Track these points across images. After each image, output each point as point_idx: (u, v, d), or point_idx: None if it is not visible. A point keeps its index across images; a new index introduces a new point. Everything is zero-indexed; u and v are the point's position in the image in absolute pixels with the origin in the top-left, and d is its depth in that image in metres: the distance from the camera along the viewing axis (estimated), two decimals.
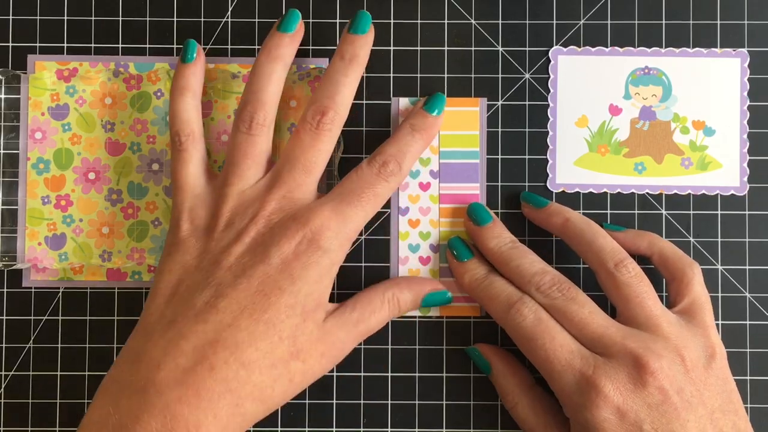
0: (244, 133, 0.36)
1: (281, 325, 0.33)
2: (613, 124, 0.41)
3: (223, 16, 0.41)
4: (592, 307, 0.35)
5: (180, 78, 0.38)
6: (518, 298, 0.36)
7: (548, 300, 0.36)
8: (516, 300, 0.36)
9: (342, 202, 0.35)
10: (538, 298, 0.36)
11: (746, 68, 0.41)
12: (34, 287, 0.41)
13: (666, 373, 0.33)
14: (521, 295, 0.36)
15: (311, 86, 0.41)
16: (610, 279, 0.36)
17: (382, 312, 0.37)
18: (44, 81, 0.41)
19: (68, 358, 0.40)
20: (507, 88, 0.41)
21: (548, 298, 0.36)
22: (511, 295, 0.36)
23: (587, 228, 0.37)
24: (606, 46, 0.41)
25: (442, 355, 0.40)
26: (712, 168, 0.41)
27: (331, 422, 0.40)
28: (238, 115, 0.37)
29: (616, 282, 0.36)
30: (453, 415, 0.40)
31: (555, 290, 0.36)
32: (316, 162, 0.36)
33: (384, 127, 0.41)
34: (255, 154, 0.36)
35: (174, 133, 0.38)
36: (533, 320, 0.35)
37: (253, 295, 0.33)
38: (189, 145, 0.37)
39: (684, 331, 0.35)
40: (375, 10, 0.41)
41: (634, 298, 0.35)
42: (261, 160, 0.37)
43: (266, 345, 0.32)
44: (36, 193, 0.41)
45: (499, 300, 0.37)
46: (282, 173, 0.36)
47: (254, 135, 0.36)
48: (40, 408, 0.40)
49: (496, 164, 0.41)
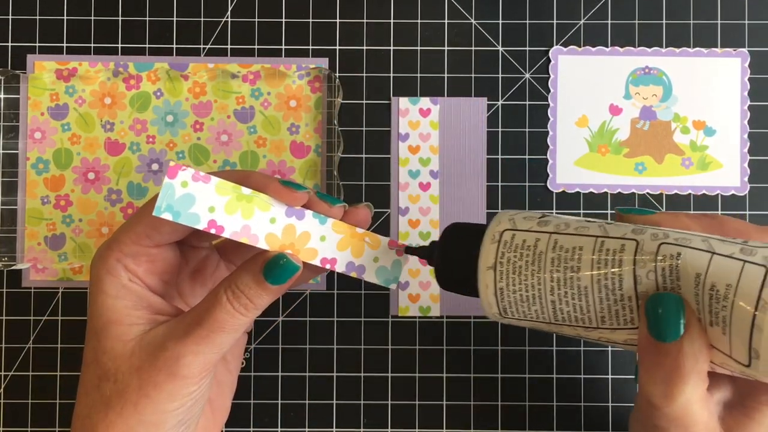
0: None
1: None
2: (613, 124, 0.41)
3: (223, 16, 0.41)
4: None
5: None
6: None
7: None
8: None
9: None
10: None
11: (746, 68, 0.41)
12: (33, 287, 0.41)
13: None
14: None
15: (311, 86, 0.41)
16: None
17: (219, 305, 0.30)
18: (44, 81, 0.41)
19: (68, 359, 0.40)
20: (507, 88, 0.41)
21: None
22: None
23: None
24: (606, 46, 0.41)
25: (442, 355, 0.40)
26: (713, 168, 0.41)
27: (331, 422, 0.40)
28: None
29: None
30: (453, 415, 0.40)
31: None
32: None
33: (384, 127, 0.41)
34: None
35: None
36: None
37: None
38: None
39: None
40: (375, 10, 0.41)
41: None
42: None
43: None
44: (35, 193, 0.41)
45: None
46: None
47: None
48: (40, 408, 0.40)
49: (496, 164, 0.41)
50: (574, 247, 0.27)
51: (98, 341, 0.30)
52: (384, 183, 0.41)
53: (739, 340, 0.24)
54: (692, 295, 0.25)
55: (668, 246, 0.25)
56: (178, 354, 0.29)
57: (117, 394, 0.30)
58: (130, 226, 0.31)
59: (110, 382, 0.30)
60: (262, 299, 0.30)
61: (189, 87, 0.41)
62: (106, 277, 0.31)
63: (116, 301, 0.31)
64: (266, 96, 0.41)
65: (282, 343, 0.40)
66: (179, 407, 0.30)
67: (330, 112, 0.41)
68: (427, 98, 0.41)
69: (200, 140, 0.41)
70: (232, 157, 0.41)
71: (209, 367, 0.30)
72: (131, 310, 0.31)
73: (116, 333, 0.30)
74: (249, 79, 0.41)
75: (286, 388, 0.40)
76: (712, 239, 0.25)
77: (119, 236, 0.31)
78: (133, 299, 0.31)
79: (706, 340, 0.25)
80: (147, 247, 0.31)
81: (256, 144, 0.41)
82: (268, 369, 0.40)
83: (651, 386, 0.26)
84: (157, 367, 0.29)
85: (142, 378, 0.29)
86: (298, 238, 0.30)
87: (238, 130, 0.41)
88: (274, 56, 0.41)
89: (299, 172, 0.41)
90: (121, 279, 0.31)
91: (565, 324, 0.28)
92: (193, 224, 0.28)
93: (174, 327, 0.30)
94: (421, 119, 0.41)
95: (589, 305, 0.27)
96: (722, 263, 0.24)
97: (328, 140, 0.41)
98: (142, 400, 0.29)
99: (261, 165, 0.41)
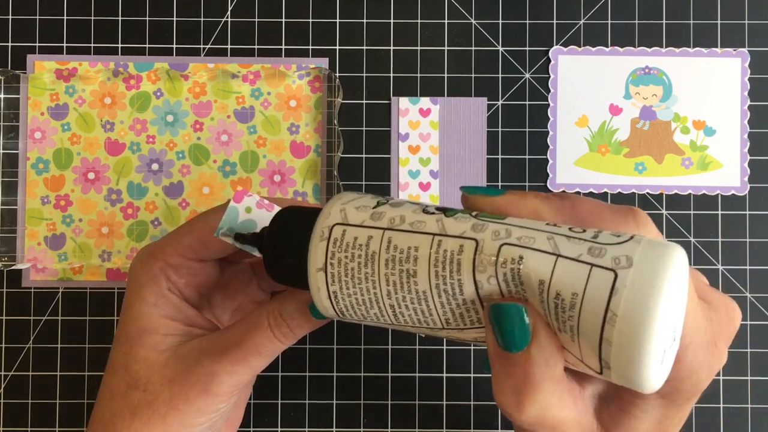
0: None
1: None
2: (613, 124, 0.41)
3: (223, 16, 0.41)
4: None
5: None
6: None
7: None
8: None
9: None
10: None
11: (746, 68, 0.41)
12: (33, 287, 0.41)
13: None
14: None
15: (311, 86, 0.41)
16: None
17: (261, 329, 0.30)
18: (44, 81, 0.41)
19: (68, 358, 0.40)
20: (507, 88, 0.41)
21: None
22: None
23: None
24: (606, 46, 0.41)
25: (442, 355, 0.40)
26: (713, 168, 0.41)
27: (331, 422, 0.40)
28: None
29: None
30: (453, 415, 0.40)
31: None
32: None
33: (384, 127, 0.41)
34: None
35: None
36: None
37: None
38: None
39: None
40: (375, 10, 0.41)
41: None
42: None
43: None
44: (35, 193, 0.41)
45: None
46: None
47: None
48: (40, 408, 0.40)
49: (496, 164, 0.41)
50: (409, 247, 0.24)
51: (131, 347, 0.30)
52: (384, 183, 0.41)
53: (589, 350, 0.22)
54: (538, 301, 0.23)
55: (510, 248, 0.23)
56: (214, 372, 0.29)
57: (146, 403, 0.29)
58: (177, 238, 0.31)
59: (139, 391, 0.30)
60: (302, 330, 0.30)
61: (189, 87, 0.41)
62: (148, 284, 0.30)
63: (154, 310, 0.30)
64: (266, 96, 0.41)
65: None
66: (206, 422, 0.30)
67: (330, 112, 0.41)
68: (427, 98, 0.41)
69: (200, 140, 0.41)
70: (232, 157, 0.41)
71: (240, 387, 0.30)
72: (168, 320, 0.31)
73: (151, 342, 0.30)
74: (249, 79, 0.41)
75: (286, 388, 0.40)
76: (558, 236, 0.23)
77: (165, 246, 0.31)
78: (170, 309, 0.31)
79: (557, 344, 0.23)
80: (191, 261, 0.31)
81: (256, 144, 0.41)
82: (268, 369, 0.40)
83: (501, 396, 0.24)
84: (191, 382, 0.29)
85: (173, 390, 0.29)
86: None
87: (238, 130, 0.41)
88: (274, 56, 0.41)
89: (299, 172, 0.41)
90: (162, 288, 0.31)
91: (408, 325, 0.25)
92: (251, 250, 0.27)
93: (211, 343, 0.30)
94: (421, 119, 0.41)
95: (431, 309, 0.24)
96: (567, 268, 0.22)
97: (328, 140, 0.41)
98: (171, 413, 0.29)
99: (261, 165, 0.41)
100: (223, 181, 0.41)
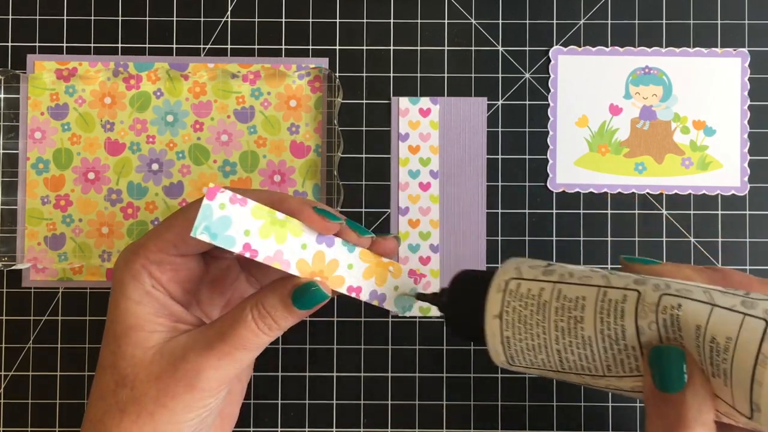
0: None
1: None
2: (613, 124, 0.41)
3: (223, 16, 0.41)
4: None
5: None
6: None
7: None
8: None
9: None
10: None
11: (746, 68, 0.41)
12: (33, 287, 0.41)
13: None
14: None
15: (311, 86, 0.41)
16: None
17: (244, 322, 0.30)
18: (44, 81, 0.41)
19: (68, 358, 0.40)
20: (507, 88, 0.41)
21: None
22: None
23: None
24: (606, 46, 0.41)
25: (443, 355, 0.40)
26: (713, 168, 0.41)
27: (331, 422, 0.40)
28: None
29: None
30: (453, 415, 0.40)
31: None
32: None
33: (384, 127, 0.41)
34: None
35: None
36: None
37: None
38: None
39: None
40: (375, 10, 0.41)
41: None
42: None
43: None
44: (35, 193, 0.41)
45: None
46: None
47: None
48: (40, 408, 0.40)
49: (496, 164, 0.41)
50: (577, 296, 0.27)
51: (117, 346, 0.30)
52: (384, 183, 0.41)
53: (741, 392, 0.24)
54: (694, 346, 0.25)
55: (669, 297, 0.26)
56: (199, 367, 0.29)
57: (133, 401, 0.30)
58: (158, 234, 0.31)
59: (127, 389, 0.30)
60: (286, 321, 0.30)
61: (189, 87, 0.41)
62: (131, 282, 0.31)
63: (139, 307, 0.30)
64: (266, 96, 0.41)
65: (282, 343, 0.40)
66: (194, 418, 0.30)
67: (330, 112, 0.41)
68: (427, 98, 0.41)
69: (200, 140, 0.41)
70: (232, 157, 0.41)
71: (227, 381, 0.30)
72: (153, 316, 0.31)
73: (137, 339, 0.30)
74: (249, 79, 0.41)
75: (286, 388, 0.40)
76: (714, 291, 0.26)
77: (146, 242, 0.31)
78: (155, 306, 0.31)
79: (710, 391, 0.25)
80: (173, 256, 0.31)
81: (256, 144, 0.41)
82: (268, 369, 0.40)
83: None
84: (177, 378, 0.29)
85: (160, 387, 0.29)
86: (327, 265, 0.31)
87: (238, 130, 0.41)
88: (274, 56, 0.41)
89: (299, 172, 0.41)
90: (145, 285, 0.31)
91: (572, 372, 0.28)
92: (229, 247, 0.28)
93: (196, 339, 0.30)
94: (421, 119, 0.41)
95: (594, 354, 0.27)
96: (722, 316, 0.25)
97: (328, 140, 0.41)
98: (158, 410, 0.29)
99: (261, 165, 0.41)
100: (224, 181, 0.41)
